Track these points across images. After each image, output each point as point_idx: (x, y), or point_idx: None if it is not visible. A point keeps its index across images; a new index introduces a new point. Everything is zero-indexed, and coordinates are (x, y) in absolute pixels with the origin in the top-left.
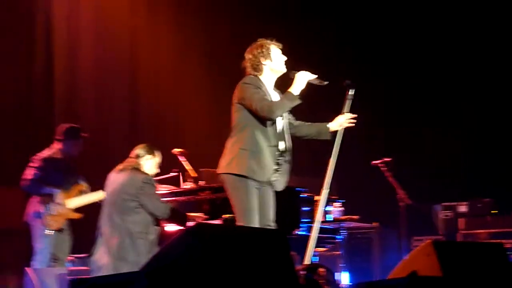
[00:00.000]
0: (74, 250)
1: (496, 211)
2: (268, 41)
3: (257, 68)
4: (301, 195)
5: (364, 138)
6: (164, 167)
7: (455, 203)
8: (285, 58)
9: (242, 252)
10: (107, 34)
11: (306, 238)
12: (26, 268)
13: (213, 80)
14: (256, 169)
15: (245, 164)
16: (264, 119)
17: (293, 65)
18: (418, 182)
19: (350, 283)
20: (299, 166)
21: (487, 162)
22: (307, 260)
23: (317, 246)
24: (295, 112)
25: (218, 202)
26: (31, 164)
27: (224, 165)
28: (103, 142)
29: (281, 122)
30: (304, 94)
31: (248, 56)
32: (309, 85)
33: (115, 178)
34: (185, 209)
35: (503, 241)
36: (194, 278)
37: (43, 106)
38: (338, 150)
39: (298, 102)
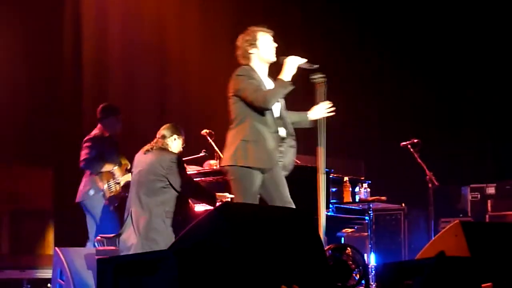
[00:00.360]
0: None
1: None
2: (256, 28)
3: (246, 57)
4: (330, 176)
5: (391, 118)
6: (192, 148)
7: (483, 185)
8: (274, 45)
9: (270, 232)
10: (135, 14)
11: (334, 219)
12: (56, 248)
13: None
14: (262, 157)
15: (250, 155)
16: (259, 109)
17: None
18: (446, 164)
19: (377, 264)
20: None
21: None
22: None
23: (344, 227)
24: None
25: None
26: (84, 145)
27: (228, 157)
28: (132, 123)
29: (278, 108)
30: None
31: (237, 44)
32: (300, 69)
33: (142, 158)
34: (213, 189)
35: None
36: (222, 257)
37: (72, 87)
38: (323, 139)
39: (290, 88)
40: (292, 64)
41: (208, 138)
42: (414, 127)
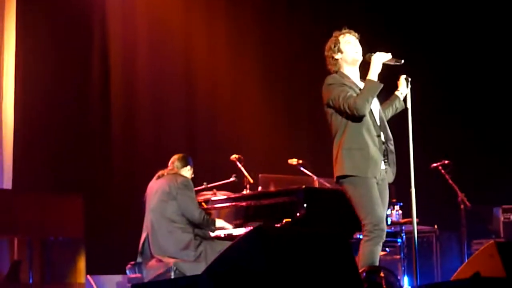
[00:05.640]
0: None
1: None
2: (338, 33)
3: (333, 64)
4: None
5: (423, 139)
6: (222, 173)
7: None
8: (358, 45)
9: (304, 255)
10: (163, 46)
11: None
12: (88, 276)
13: (269, 87)
14: (365, 166)
15: (353, 163)
16: (355, 116)
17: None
18: (478, 185)
19: (412, 286)
20: None
21: None
22: None
23: None
24: None
25: (279, 207)
26: None
27: (336, 170)
28: (160, 149)
29: (377, 111)
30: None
31: (325, 54)
32: (386, 66)
33: (155, 185)
34: (240, 215)
35: None
36: (257, 280)
37: (101, 114)
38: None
39: (380, 86)
40: (378, 61)
41: (238, 163)
42: (444, 148)
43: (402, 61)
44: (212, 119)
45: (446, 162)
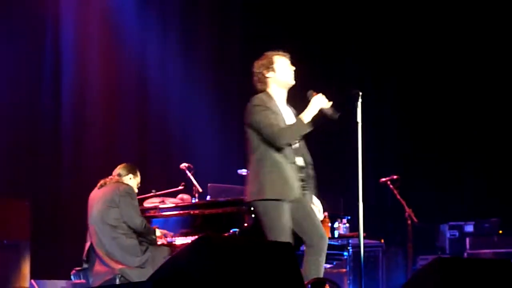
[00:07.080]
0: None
1: (502, 231)
2: (272, 52)
3: (263, 82)
4: None
5: (372, 154)
6: (171, 181)
7: (461, 223)
8: (292, 68)
9: (250, 264)
10: (116, 53)
11: None
12: (32, 281)
13: (221, 96)
14: (282, 189)
15: (270, 187)
16: (274, 145)
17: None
18: (425, 201)
19: None
20: None
21: (494, 181)
22: None
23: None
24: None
25: (227, 217)
26: None
27: (250, 192)
28: (111, 159)
29: None
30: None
31: (254, 70)
32: (321, 112)
33: (97, 194)
34: (186, 224)
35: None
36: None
37: (50, 124)
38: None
39: (309, 129)
40: (316, 104)
41: (187, 171)
42: (394, 163)
43: (338, 115)
44: (163, 128)
45: (395, 177)
